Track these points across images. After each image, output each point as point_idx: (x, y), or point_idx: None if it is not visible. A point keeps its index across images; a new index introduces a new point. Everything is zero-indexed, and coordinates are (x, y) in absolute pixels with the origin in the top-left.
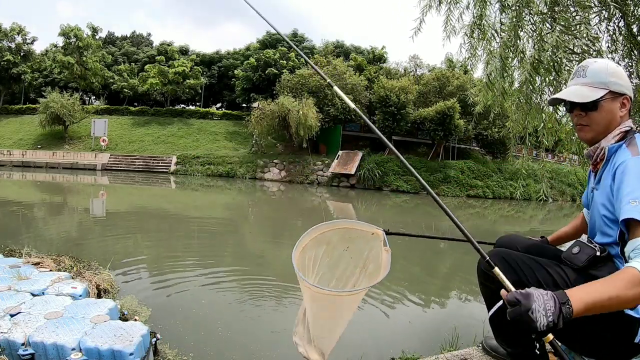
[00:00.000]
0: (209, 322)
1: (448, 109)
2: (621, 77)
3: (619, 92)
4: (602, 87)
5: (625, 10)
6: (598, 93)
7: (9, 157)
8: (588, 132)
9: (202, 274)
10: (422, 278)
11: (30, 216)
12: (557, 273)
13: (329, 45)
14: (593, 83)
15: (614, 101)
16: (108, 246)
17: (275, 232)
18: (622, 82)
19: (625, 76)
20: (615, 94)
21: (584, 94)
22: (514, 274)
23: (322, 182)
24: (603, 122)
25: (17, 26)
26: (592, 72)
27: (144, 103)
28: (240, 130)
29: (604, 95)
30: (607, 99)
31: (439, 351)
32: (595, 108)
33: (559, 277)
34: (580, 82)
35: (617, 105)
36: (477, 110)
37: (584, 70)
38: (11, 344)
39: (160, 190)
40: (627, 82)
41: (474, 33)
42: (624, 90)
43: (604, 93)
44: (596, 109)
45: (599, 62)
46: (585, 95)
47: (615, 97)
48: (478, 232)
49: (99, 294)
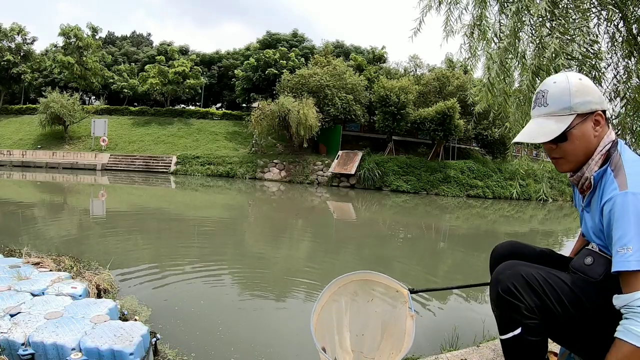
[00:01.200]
0: (209, 321)
1: (448, 109)
2: (587, 92)
3: (588, 111)
4: (568, 113)
5: (625, 11)
6: (564, 122)
7: (9, 157)
8: (564, 164)
9: (202, 273)
10: (422, 278)
11: (30, 216)
12: (577, 286)
13: (329, 45)
14: (556, 111)
15: (584, 123)
16: (108, 246)
17: (276, 232)
18: (590, 97)
19: (592, 88)
20: (584, 115)
21: (548, 129)
22: (538, 298)
23: (322, 182)
24: (578, 151)
25: (17, 26)
26: (553, 98)
27: (144, 103)
28: (240, 130)
29: (572, 122)
30: (576, 125)
31: (439, 351)
32: (565, 139)
33: (580, 291)
34: (543, 112)
35: (589, 127)
36: (476, 110)
37: (544, 97)
38: (11, 344)
39: (160, 190)
40: (596, 94)
41: (474, 33)
42: (593, 108)
43: (570, 120)
44: (566, 139)
45: (558, 83)
46: (549, 131)
47: (586, 118)
48: (479, 232)
49: (99, 294)
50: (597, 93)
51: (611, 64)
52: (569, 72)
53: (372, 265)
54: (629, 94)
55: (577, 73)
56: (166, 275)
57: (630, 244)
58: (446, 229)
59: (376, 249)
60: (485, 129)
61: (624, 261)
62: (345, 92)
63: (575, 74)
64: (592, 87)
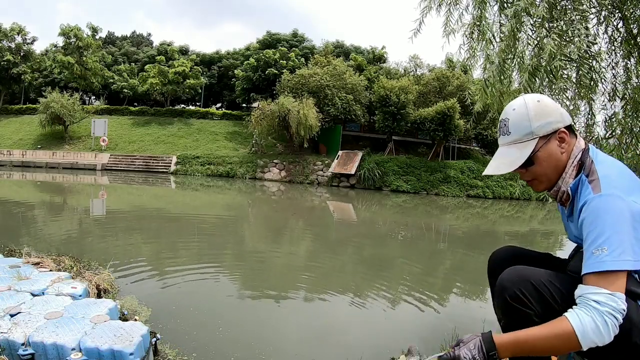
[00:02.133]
0: (209, 321)
1: (448, 109)
2: (546, 113)
3: (550, 132)
4: (530, 138)
5: (624, 12)
6: (528, 148)
7: (9, 157)
8: (538, 184)
9: (203, 273)
10: (422, 278)
11: (30, 216)
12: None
13: (329, 45)
14: (519, 139)
15: (549, 144)
16: (108, 246)
17: (276, 232)
18: (551, 117)
19: (552, 107)
20: (547, 136)
21: (513, 158)
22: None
23: (322, 182)
24: (548, 171)
25: (17, 26)
26: (514, 126)
27: (144, 103)
28: (240, 130)
29: (535, 146)
30: (540, 147)
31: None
32: (532, 163)
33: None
34: (507, 141)
35: (554, 146)
36: (475, 109)
37: (506, 126)
38: (11, 344)
39: (160, 190)
40: (556, 113)
41: (474, 34)
42: (555, 127)
43: (534, 145)
44: (533, 163)
45: (517, 109)
46: (514, 159)
47: (549, 139)
48: (479, 232)
49: (99, 294)
50: (558, 111)
51: (610, 64)
52: (527, 96)
53: (372, 265)
54: (629, 94)
55: (536, 95)
56: (166, 275)
57: (605, 245)
58: (446, 229)
59: (376, 249)
60: (485, 129)
61: (597, 262)
62: (345, 92)
63: (533, 97)
64: (551, 107)
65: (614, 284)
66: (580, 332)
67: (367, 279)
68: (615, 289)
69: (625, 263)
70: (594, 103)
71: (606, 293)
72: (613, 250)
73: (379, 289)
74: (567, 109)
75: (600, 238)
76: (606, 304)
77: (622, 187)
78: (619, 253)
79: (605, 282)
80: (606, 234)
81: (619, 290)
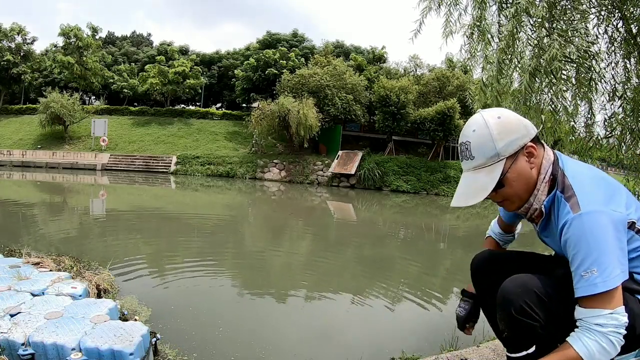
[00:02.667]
0: (209, 321)
1: (448, 109)
2: (510, 130)
3: (517, 149)
4: (497, 161)
5: (624, 12)
6: (496, 171)
7: (9, 157)
8: (510, 205)
9: (203, 273)
10: (422, 278)
11: (30, 216)
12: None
13: (329, 45)
14: (484, 162)
15: (517, 162)
16: (108, 246)
17: (276, 232)
18: (515, 134)
19: (514, 122)
20: (514, 154)
21: (481, 184)
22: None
23: (322, 182)
24: (519, 190)
25: (17, 26)
26: (477, 149)
27: (144, 103)
28: (240, 130)
29: (503, 168)
30: (508, 168)
31: (439, 351)
32: (502, 185)
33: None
34: (471, 166)
35: (522, 163)
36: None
37: (468, 149)
38: (11, 344)
39: (160, 190)
40: (520, 127)
41: (473, 34)
42: (521, 143)
43: (501, 167)
44: (503, 185)
45: (477, 130)
46: (483, 186)
47: (517, 157)
48: (479, 232)
49: (99, 294)
50: (521, 124)
51: (610, 64)
52: (485, 112)
53: (372, 264)
54: (628, 94)
55: (495, 110)
56: (166, 275)
57: (594, 267)
58: (446, 229)
59: (376, 249)
60: None
61: (590, 285)
62: (345, 92)
63: (493, 113)
64: (514, 122)
65: (611, 302)
66: (588, 358)
67: (367, 279)
68: (614, 306)
69: (616, 279)
70: (594, 103)
71: (606, 314)
72: (603, 271)
73: (379, 289)
74: (568, 109)
75: (588, 260)
76: (608, 325)
77: (599, 199)
78: (609, 273)
79: (602, 303)
80: (593, 255)
81: (617, 305)
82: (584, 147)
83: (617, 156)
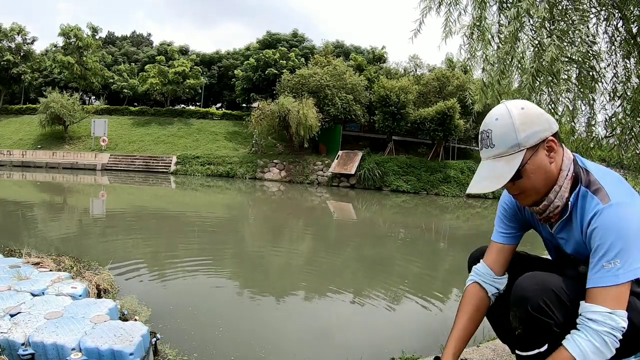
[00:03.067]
0: (209, 321)
1: (448, 109)
2: (533, 122)
3: (538, 141)
4: (517, 150)
5: (624, 11)
6: (515, 161)
7: (9, 157)
8: (525, 198)
9: (203, 273)
10: (422, 278)
11: (30, 216)
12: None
13: (329, 45)
14: (505, 151)
15: (537, 155)
16: (108, 246)
17: (275, 232)
18: (537, 126)
19: (537, 114)
20: (535, 147)
21: (500, 173)
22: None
23: (322, 182)
24: (537, 183)
25: (17, 26)
26: (499, 138)
27: (144, 103)
28: (240, 130)
29: (523, 159)
30: (528, 160)
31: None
32: (520, 176)
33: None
34: (491, 154)
35: (542, 157)
36: (475, 109)
37: (489, 138)
38: (11, 344)
39: (160, 190)
40: (542, 120)
41: (473, 34)
42: (543, 136)
43: (521, 157)
44: (521, 176)
45: (501, 119)
46: (501, 174)
47: (537, 149)
48: (479, 231)
49: (99, 294)
50: (544, 117)
51: (610, 64)
52: (509, 103)
53: (372, 264)
54: (629, 94)
55: (519, 101)
56: (166, 275)
57: (618, 258)
58: (446, 229)
59: (376, 249)
60: None
61: (612, 276)
62: (345, 92)
63: (516, 104)
64: (537, 114)
65: (618, 299)
66: (581, 358)
67: (367, 279)
68: (617, 306)
69: (635, 272)
70: (594, 103)
71: (604, 312)
72: (625, 263)
73: (379, 289)
74: (568, 109)
75: (613, 251)
76: (604, 323)
77: (627, 193)
78: (629, 265)
79: (610, 297)
80: (618, 246)
81: (621, 307)
82: (584, 147)
83: (617, 156)
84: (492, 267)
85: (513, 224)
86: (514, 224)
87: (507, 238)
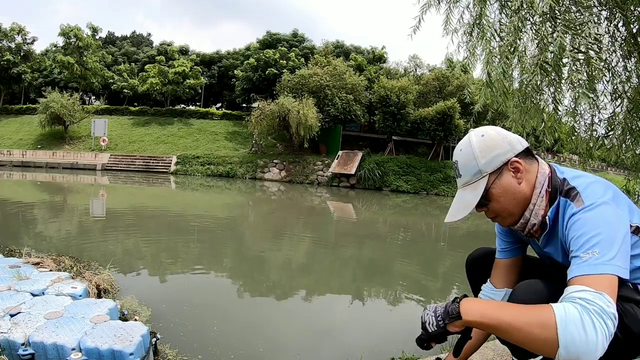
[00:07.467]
0: (210, 321)
1: (448, 109)
2: (491, 147)
3: (499, 166)
4: (480, 177)
5: (625, 11)
6: (479, 188)
7: (9, 157)
8: (502, 220)
9: (203, 273)
10: (422, 278)
11: (30, 216)
12: None
13: (329, 45)
14: (469, 180)
15: (501, 178)
16: (108, 246)
17: (276, 232)
18: (497, 151)
19: (498, 139)
20: (497, 170)
21: (466, 202)
22: None
23: (322, 182)
24: (508, 205)
25: (17, 26)
26: (463, 167)
27: (144, 103)
28: (240, 130)
29: (486, 184)
30: (492, 184)
31: (439, 351)
32: (488, 201)
33: None
34: (460, 183)
35: (508, 179)
36: (476, 109)
37: (457, 168)
38: (11, 344)
39: (160, 190)
40: (503, 143)
41: (474, 32)
42: (504, 159)
43: (484, 183)
44: (490, 200)
45: (463, 149)
46: (467, 203)
47: (501, 172)
48: (479, 231)
49: (99, 294)
50: (505, 141)
51: (610, 64)
52: (472, 132)
53: (372, 264)
54: (629, 94)
55: (482, 128)
56: (166, 275)
57: (596, 248)
58: (446, 229)
59: (376, 249)
60: None
61: (589, 265)
62: (345, 92)
63: (478, 132)
64: (496, 139)
65: (603, 286)
66: (562, 322)
67: (367, 279)
68: (603, 290)
69: (618, 269)
70: (594, 102)
71: (592, 291)
72: (604, 254)
73: (379, 289)
74: (568, 110)
75: (590, 242)
76: (594, 303)
77: (604, 194)
78: (610, 257)
79: (592, 283)
80: (597, 237)
81: (610, 294)
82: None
83: (617, 156)
84: (492, 281)
85: (508, 238)
86: (509, 238)
87: (503, 253)
